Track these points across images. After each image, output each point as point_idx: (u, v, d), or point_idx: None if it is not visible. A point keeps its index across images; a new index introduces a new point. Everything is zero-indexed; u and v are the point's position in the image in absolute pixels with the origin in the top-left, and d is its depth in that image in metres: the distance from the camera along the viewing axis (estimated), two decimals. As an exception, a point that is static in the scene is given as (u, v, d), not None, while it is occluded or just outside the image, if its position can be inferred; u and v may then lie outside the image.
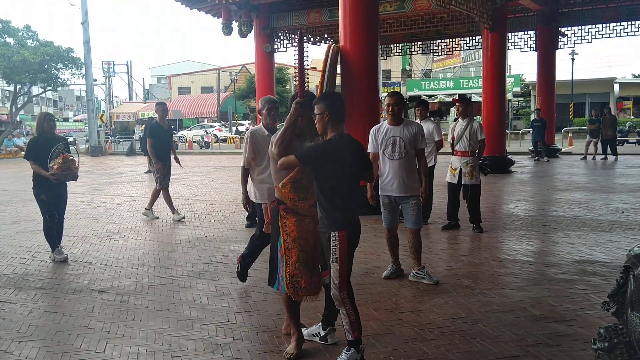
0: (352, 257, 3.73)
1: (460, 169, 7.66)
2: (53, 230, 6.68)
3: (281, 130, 3.74)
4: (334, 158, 3.57)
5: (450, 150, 7.88)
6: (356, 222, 3.74)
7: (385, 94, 6.09)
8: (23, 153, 24.45)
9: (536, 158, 18.60)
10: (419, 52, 23.60)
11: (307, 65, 3.98)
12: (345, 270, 3.61)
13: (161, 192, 9.22)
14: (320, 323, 4.09)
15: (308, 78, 6.17)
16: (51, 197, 6.58)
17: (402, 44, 22.03)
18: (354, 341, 3.60)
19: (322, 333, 4.04)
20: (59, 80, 32.29)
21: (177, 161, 9.32)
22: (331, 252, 3.60)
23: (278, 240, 3.83)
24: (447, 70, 47.11)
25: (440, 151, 8.35)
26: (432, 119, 8.77)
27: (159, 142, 9.05)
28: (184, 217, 9.09)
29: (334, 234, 3.57)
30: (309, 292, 3.81)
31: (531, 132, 19.52)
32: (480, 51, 19.11)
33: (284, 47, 18.93)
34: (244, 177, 5.30)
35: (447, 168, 7.96)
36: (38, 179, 6.50)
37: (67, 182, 6.71)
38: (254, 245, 5.36)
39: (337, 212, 3.60)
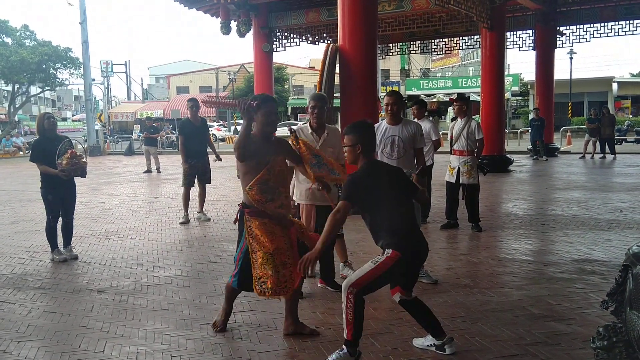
0: (391, 277, 3.62)
1: (459, 168, 7.66)
2: (55, 231, 6.68)
3: (239, 135, 3.88)
4: (369, 185, 3.58)
5: (449, 150, 7.89)
6: (417, 241, 3.67)
7: (384, 94, 6.09)
8: (21, 153, 24.20)
9: (535, 157, 18.62)
10: (417, 52, 23.56)
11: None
12: (371, 279, 3.52)
13: (183, 189, 8.95)
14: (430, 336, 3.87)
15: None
16: (59, 197, 6.58)
17: (401, 44, 22.06)
18: (347, 341, 3.56)
19: (438, 342, 3.80)
20: (57, 80, 32.30)
21: (217, 156, 9.14)
22: (377, 256, 3.58)
23: (240, 241, 4.03)
24: (445, 69, 47.12)
25: (437, 150, 8.35)
26: (430, 118, 8.78)
27: (191, 140, 8.70)
28: (188, 222, 8.75)
29: (388, 251, 3.56)
30: (276, 292, 3.91)
31: (530, 131, 19.53)
32: (479, 50, 19.12)
33: (282, 46, 18.93)
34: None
35: (446, 167, 7.97)
36: (46, 179, 6.49)
37: (75, 182, 6.71)
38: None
39: (390, 237, 3.57)
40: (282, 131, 11.01)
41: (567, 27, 19.36)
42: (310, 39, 19.68)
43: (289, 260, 3.94)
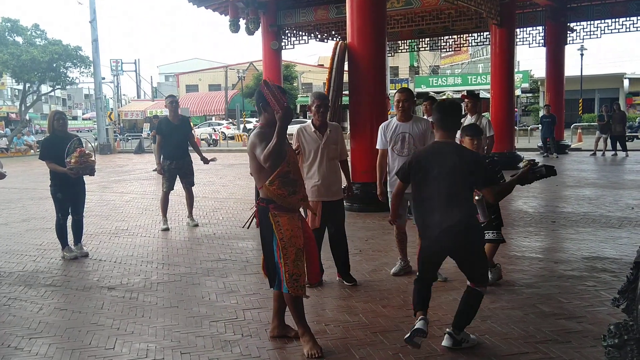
0: (427, 264, 3.84)
1: (469, 165, 7.62)
2: (65, 229, 6.72)
3: (271, 145, 3.57)
4: (419, 166, 3.77)
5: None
6: (441, 233, 3.63)
7: (394, 91, 6.09)
8: (32, 151, 24.35)
9: (545, 154, 18.51)
10: (426, 49, 23.51)
11: None
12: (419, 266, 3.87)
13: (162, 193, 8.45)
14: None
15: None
16: (68, 195, 6.61)
17: (410, 41, 21.98)
18: None
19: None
20: (68, 78, 32.38)
21: (202, 158, 8.42)
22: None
23: (273, 240, 3.77)
24: (455, 66, 47.00)
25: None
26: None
27: (167, 140, 8.21)
28: (168, 229, 8.16)
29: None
30: (304, 287, 3.85)
31: (540, 128, 19.43)
32: (489, 47, 19.05)
33: (291, 44, 18.94)
34: None
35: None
36: (56, 177, 6.53)
37: (84, 181, 6.74)
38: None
39: (419, 219, 3.79)
40: (292, 129, 10.98)
41: (578, 23, 19.22)
42: (319, 36, 19.66)
43: (310, 252, 3.96)
